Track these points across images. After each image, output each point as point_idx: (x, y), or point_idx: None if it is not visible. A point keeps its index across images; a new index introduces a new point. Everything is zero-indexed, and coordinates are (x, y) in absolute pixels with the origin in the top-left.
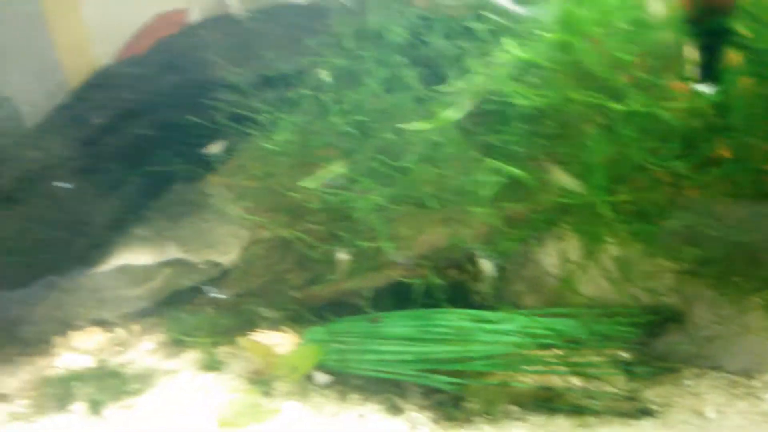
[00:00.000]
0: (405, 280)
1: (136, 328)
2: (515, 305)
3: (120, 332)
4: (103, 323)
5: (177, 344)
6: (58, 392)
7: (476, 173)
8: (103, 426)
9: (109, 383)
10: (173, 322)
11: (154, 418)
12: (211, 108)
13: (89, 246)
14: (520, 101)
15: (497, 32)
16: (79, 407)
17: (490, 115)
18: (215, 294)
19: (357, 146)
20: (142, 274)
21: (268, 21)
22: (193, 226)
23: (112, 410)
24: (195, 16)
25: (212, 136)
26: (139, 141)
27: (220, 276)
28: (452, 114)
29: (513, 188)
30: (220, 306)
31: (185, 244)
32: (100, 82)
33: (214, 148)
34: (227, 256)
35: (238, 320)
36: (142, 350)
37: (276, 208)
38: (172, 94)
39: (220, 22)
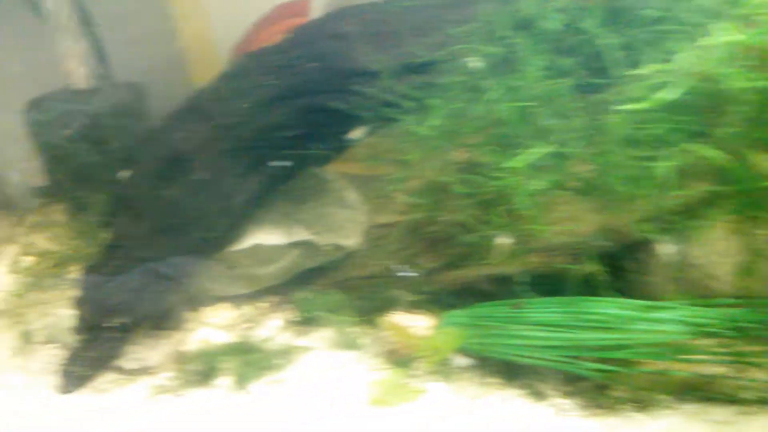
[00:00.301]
0: (557, 266)
1: (263, 305)
2: (667, 294)
3: (248, 309)
4: (232, 300)
5: (307, 323)
6: (202, 366)
7: (666, 157)
8: (250, 400)
9: (251, 358)
10: (303, 301)
11: (299, 392)
12: (352, 94)
13: (230, 226)
14: (733, 84)
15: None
16: (224, 381)
17: (692, 99)
18: (405, 273)
19: (517, 132)
20: (272, 253)
21: (410, 9)
22: (315, 210)
23: (257, 385)
24: (319, 4)
25: (353, 122)
26: (281, 126)
27: (344, 258)
28: (666, 95)
29: (703, 172)
30: (360, 287)
31: (310, 227)
32: (245, 68)
33: (355, 134)
34: (350, 240)
35: (368, 301)
36: (272, 327)
37: (417, 192)
38: (315, 80)
39: (362, 9)
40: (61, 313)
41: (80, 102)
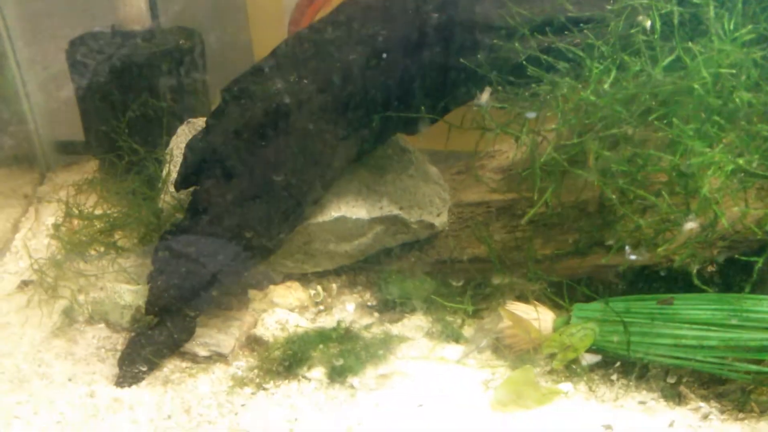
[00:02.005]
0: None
1: (334, 286)
2: None
3: (320, 289)
4: (303, 278)
5: (392, 308)
6: (284, 354)
7: None
8: (352, 397)
9: (345, 347)
10: (388, 283)
11: (408, 391)
12: (479, 51)
13: (321, 194)
14: None
15: None
16: (315, 373)
17: None
18: (634, 257)
19: (701, 106)
20: (356, 228)
21: None
22: (398, 183)
23: (360, 379)
24: None
25: (475, 84)
26: (390, 84)
27: (431, 238)
28: None
29: None
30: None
31: (395, 201)
32: (350, 15)
33: (483, 97)
34: (438, 217)
35: (470, 288)
36: (350, 311)
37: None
38: (435, 33)
39: None
40: (114, 287)
41: (129, 44)
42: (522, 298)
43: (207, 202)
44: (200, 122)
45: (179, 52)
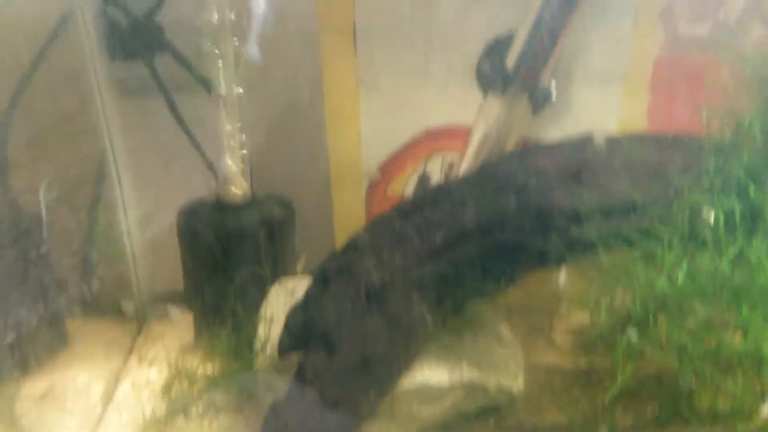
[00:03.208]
0: None
1: None
2: None
3: None
4: None
5: None
6: None
7: None
8: None
9: None
10: None
11: None
12: (548, 233)
13: (409, 362)
14: None
15: None
16: None
17: None
18: None
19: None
20: (436, 391)
21: (615, 148)
22: (473, 345)
23: None
24: (480, 129)
25: (544, 261)
26: (470, 260)
27: (508, 402)
28: None
29: None
30: None
31: (471, 364)
32: (435, 198)
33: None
34: (514, 381)
35: None
36: None
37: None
38: (511, 216)
39: (560, 146)
40: None
41: (231, 214)
42: None
43: (313, 373)
44: (290, 283)
45: (275, 221)
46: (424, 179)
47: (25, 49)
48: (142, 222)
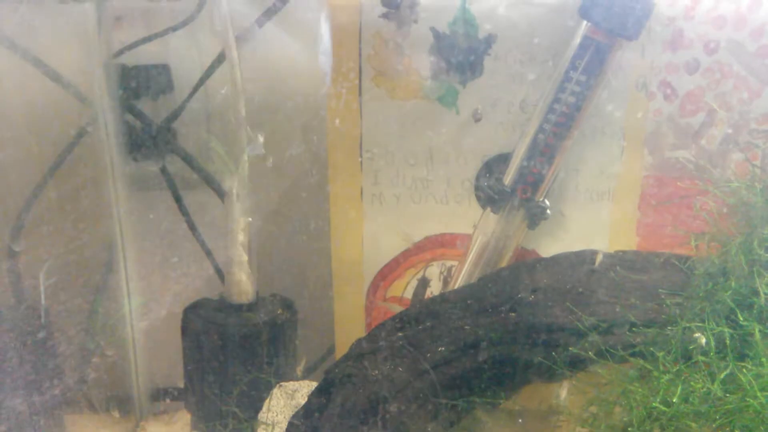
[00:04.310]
0: None
1: None
2: None
3: None
4: None
5: None
6: None
7: None
8: None
9: None
10: None
11: None
12: (546, 348)
13: None
14: None
15: None
16: None
17: None
18: None
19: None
20: None
21: (606, 270)
22: None
23: None
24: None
25: (542, 375)
26: (471, 372)
27: None
28: None
29: None
30: None
31: None
32: (436, 310)
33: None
34: None
35: None
36: None
37: None
38: (511, 330)
39: (555, 261)
40: None
41: (235, 315)
42: None
43: None
44: (291, 386)
45: (277, 323)
46: (422, 284)
47: (51, 148)
48: (144, 315)
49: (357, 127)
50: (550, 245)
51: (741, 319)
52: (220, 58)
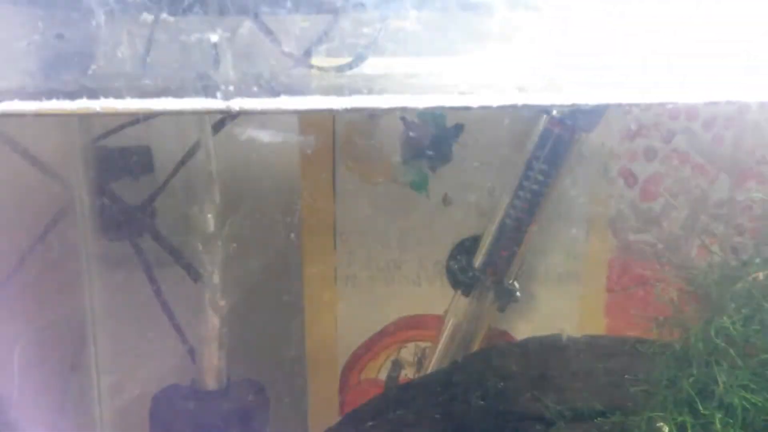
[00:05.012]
0: None
1: None
2: None
3: None
4: None
5: None
6: None
7: None
8: None
9: None
10: None
11: None
12: None
13: None
14: None
15: None
16: None
17: None
18: None
19: None
20: None
21: (575, 356)
22: None
23: None
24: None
25: None
26: None
27: None
28: None
29: None
30: None
31: None
32: (406, 395)
33: None
34: None
35: None
36: None
37: None
38: (480, 420)
39: (525, 346)
40: None
41: (207, 402)
42: None
43: None
44: None
45: (248, 409)
46: (396, 366)
47: (27, 231)
48: (114, 395)
49: (331, 209)
50: (521, 326)
51: (701, 408)
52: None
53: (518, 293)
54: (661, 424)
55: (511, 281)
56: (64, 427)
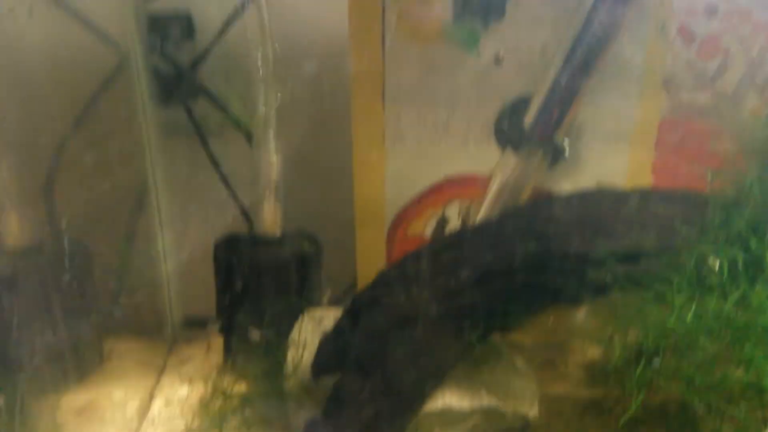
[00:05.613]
0: None
1: None
2: None
3: None
4: None
5: None
6: None
7: None
8: None
9: None
10: None
11: None
12: (563, 275)
13: (433, 389)
14: None
15: None
16: None
17: None
18: None
19: None
20: (456, 416)
21: (627, 201)
22: (491, 375)
23: None
24: (497, 181)
25: (559, 299)
26: (491, 297)
27: (523, 428)
28: None
29: None
30: None
31: (489, 392)
32: (460, 239)
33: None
34: (529, 409)
35: None
36: None
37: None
38: (529, 259)
39: (575, 196)
40: None
41: (265, 248)
42: None
43: (346, 395)
44: (318, 313)
45: (303, 256)
46: (442, 223)
47: (86, 86)
48: (176, 251)
49: (380, 69)
50: (566, 186)
51: (753, 245)
52: (244, 5)
53: (567, 151)
54: (713, 258)
55: (561, 140)
56: (124, 283)
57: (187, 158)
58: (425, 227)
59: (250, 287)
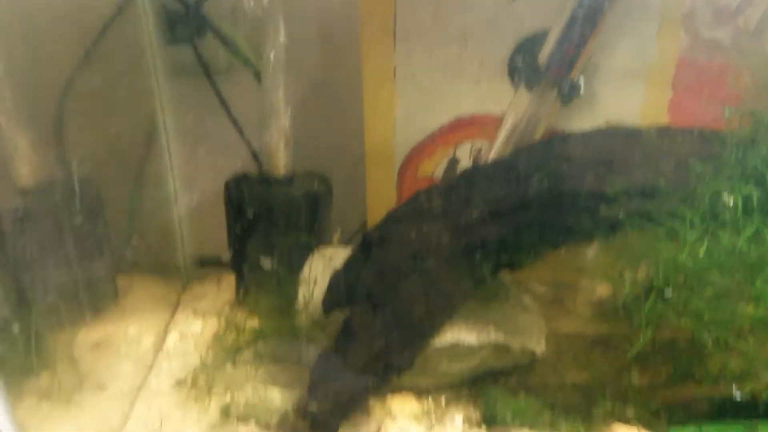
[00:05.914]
0: None
1: (443, 398)
2: None
3: (429, 402)
4: (416, 391)
5: (494, 422)
6: None
7: None
8: None
9: None
10: (492, 400)
11: None
12: (576, 213)
13: (444, 324)
14: None
15: None
16: None
17: None
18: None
19: None
20: (465, 351)
21: (641, 138)
22: (500, 312)
23: None
24: (510, 120)
25: (572, 237)
26: (503, 234)
27: (530, 363)
28: None
29: None
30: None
31: (498, 328)
32: (471, 178)
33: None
34: (537, 344)
35: (570, 410)
36: (455, 425)
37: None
38: (542, 197)
39: (587, 134)
40: (266, 391)
41: (274, 188)
42: (623, 421)
43: (357, 328)
44: (328, 251)
45: (314, 195)
46: (453, 163)
47: (92, 25)
48: (187, 190)
49: (391, 5)
50: (581, 126)
51: None
52: None
53: (582, 89)
54: (727, 193)
55: (575, 77)
56: (135, 222)
57: (195, 97)
58: (436, 168)
59: (261, 226)
